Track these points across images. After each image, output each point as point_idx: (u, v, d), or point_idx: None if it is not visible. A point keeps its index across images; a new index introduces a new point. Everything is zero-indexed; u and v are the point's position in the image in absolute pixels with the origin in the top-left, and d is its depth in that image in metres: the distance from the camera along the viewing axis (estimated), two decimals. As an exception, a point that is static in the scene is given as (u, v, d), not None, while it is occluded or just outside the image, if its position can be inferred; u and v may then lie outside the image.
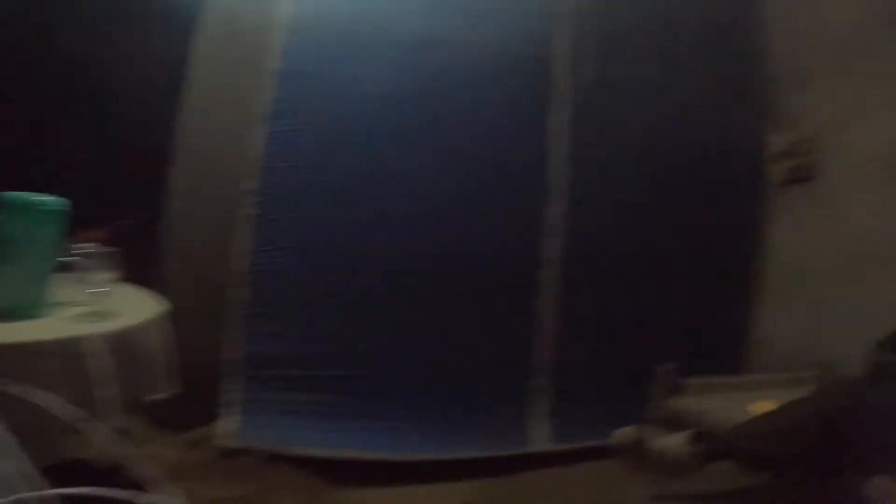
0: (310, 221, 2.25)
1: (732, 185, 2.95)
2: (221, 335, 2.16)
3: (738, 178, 2.97)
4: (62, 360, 1.17)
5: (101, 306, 1.37)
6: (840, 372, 2.41)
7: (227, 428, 2.09)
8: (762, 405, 1.93)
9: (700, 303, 2.80)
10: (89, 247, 1.39)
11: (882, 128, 2.56)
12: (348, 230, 2.26)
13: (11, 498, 1.45)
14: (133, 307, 1.50)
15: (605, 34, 2.56)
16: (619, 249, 2.58)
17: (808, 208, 2.79)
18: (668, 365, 2.10)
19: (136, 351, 1.36)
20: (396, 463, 2.15)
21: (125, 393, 1.25)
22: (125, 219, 2.54)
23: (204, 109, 2.46)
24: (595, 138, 2.51)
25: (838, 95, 2.70)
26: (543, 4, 2.49)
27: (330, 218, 2.26)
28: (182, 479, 1.87)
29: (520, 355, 2.40)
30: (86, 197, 1.51)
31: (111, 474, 1.20)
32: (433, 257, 2.32)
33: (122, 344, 1.29)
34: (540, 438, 2.35)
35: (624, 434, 1.67)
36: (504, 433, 2.32)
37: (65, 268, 1.39)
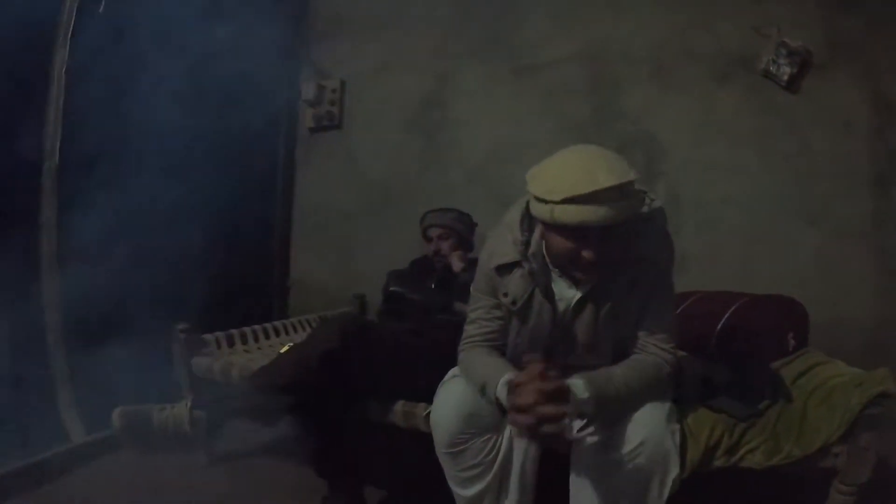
0: None
1: (262, 131, 2.99)
2: None
3: (268, 124, 3.04)
4: None
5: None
6: (366, 303, 2.76)
7: None
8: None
9: (231, 252, 2.75)
10: None
11: (404, 82, 2.87)
12: None
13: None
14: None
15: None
16: (124, 203, 2.23)
17: (335, 154, 3.07)
18: (184, 324, 1.98)
19: None
20: None
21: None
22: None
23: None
24: (101, 87, 2.15)
25: (368, 50, 2.97)
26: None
27: None
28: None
29: (33, 340, 2.07)
30: None
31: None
32: None
33: None
34: (76, 431, 2.08)
35: (123, 413, 1.47)
36: (41, 434, 1.99)
37: None
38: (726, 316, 1.74)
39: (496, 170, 2.73)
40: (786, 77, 2.27)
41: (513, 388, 1.12)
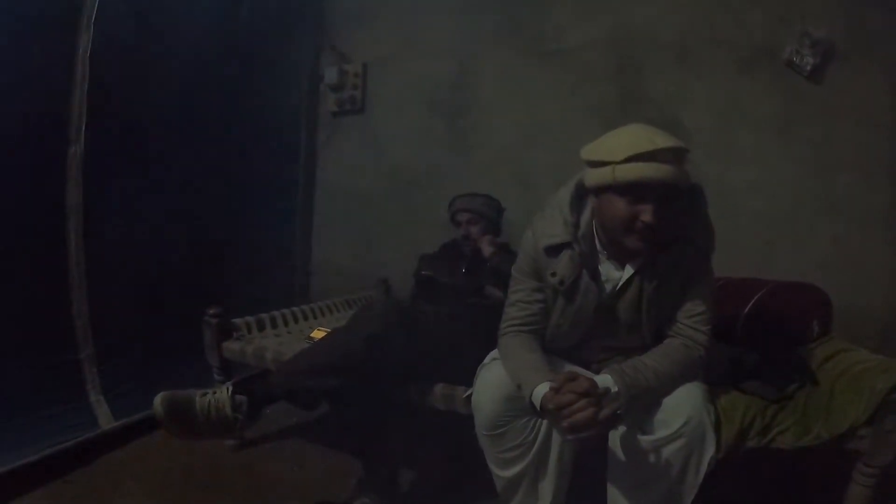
0: None
1: (285, 116, 3.07)
2: None
3: (290, 109, 3.11)
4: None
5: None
6: (389, 287, 2.80)
7: None
8: (320, 332, 2.00)
9: (253, 238, 2.80)
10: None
11: (427, 66, 2.90)
12: None
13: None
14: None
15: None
16: (149, 188, 2.27)
17: (357, 138, 3.13)
18: (215, 309, 2.01)
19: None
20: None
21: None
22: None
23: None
24: (121, 66, 2.13)
25: (390, 33, 3.00)
26: None
27: None
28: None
29: (61, 326, 2.02)
30: None
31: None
32: None
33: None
34: (104, 416, 2.08)
35: (165, 399, 1.43)
36: (69, 420, 1.97)
37: None
38: (751, 303, 1.78)
39: (521, 153, 2.76)
40: (809, 67, 2.28)
41: (547, 399, 1.17)
